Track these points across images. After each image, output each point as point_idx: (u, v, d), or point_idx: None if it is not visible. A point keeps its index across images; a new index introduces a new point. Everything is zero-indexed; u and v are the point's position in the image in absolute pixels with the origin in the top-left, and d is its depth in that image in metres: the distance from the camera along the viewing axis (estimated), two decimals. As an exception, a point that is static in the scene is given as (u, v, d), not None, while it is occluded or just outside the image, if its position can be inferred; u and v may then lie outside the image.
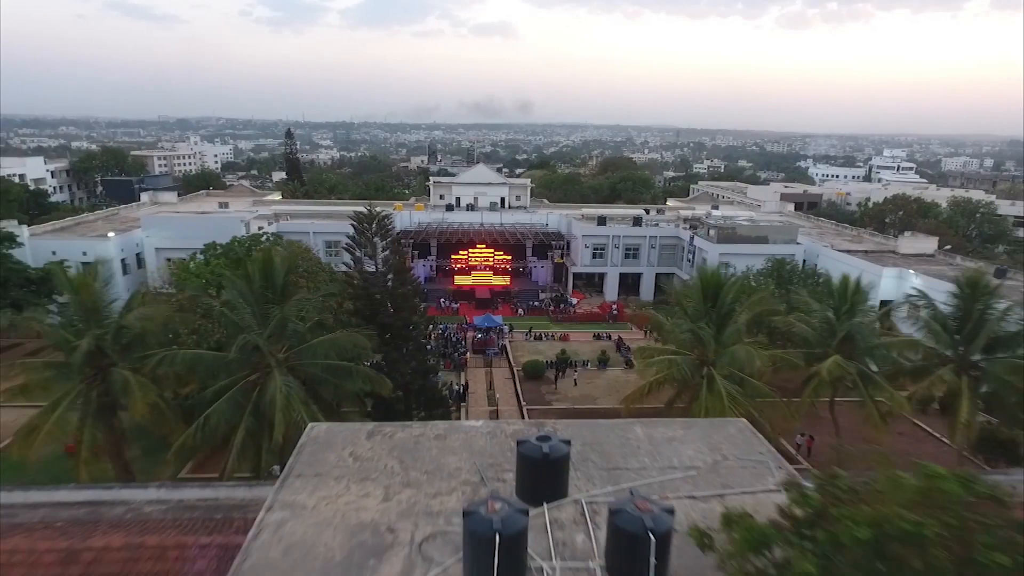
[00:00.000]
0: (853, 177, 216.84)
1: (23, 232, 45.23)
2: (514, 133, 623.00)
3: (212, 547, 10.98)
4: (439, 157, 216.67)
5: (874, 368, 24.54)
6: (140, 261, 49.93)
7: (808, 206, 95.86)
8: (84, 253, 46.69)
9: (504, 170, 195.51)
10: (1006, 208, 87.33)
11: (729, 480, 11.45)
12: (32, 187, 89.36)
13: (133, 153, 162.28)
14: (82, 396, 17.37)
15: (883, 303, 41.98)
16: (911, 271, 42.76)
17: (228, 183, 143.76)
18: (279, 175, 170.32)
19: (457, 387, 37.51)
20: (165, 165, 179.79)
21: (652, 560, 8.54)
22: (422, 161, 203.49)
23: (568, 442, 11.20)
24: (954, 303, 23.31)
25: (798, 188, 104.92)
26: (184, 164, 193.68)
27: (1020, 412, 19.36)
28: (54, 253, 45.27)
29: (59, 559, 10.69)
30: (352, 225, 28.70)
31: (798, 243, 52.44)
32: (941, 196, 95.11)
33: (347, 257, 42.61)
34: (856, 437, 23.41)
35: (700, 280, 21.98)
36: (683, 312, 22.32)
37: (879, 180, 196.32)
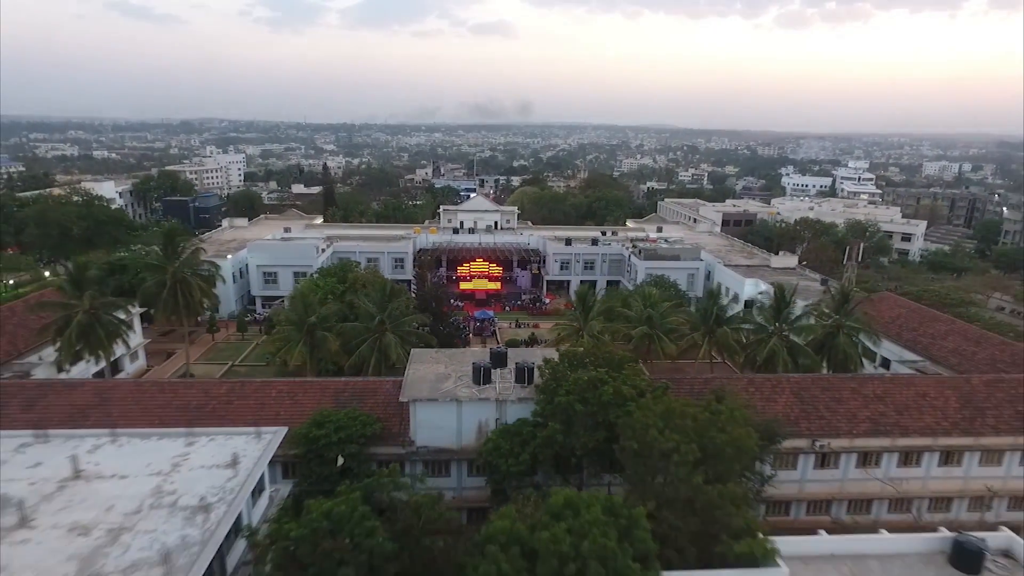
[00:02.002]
0: (821, 187, 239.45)
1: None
2: (513, 135, 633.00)
3: (388, 383, 32.90)
4: (442, 171, 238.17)
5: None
6: (242, 273, 71.37)
7: (745, 223, 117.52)
8: (207, 269, 68.21)
9: (501, 179, 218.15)
10: (899, 227, 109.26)
11: (558, 361, 33.21)
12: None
13: (166, 168, 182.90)
14: (304, 344, 39.11)
15: (746, 303, 63.25)
16: (760, 279, 64.31)
17: (260, 195, 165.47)
18: (298, 187, 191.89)
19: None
20: (196, 178, 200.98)
21: (527, 374, 31.16)
22: (426, 174, 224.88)
23: (507, 348, 33.96)
24: (705, 300, 46.13)
25: (740, 207, 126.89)
26: (212, 177, 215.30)
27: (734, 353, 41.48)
28: (190, 268, 66.46)
29: (341, 385, 32.67)
30: (415, 261, 51.10)
31: (701, 259, 74.12)
32: (875, 212, 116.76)
33: (380, 266, 68.05)
34: (659, 369, 45.31)
35: (577, 292, 44.01)
36: (575, 307, 44.23)
37: (841, 190, 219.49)
